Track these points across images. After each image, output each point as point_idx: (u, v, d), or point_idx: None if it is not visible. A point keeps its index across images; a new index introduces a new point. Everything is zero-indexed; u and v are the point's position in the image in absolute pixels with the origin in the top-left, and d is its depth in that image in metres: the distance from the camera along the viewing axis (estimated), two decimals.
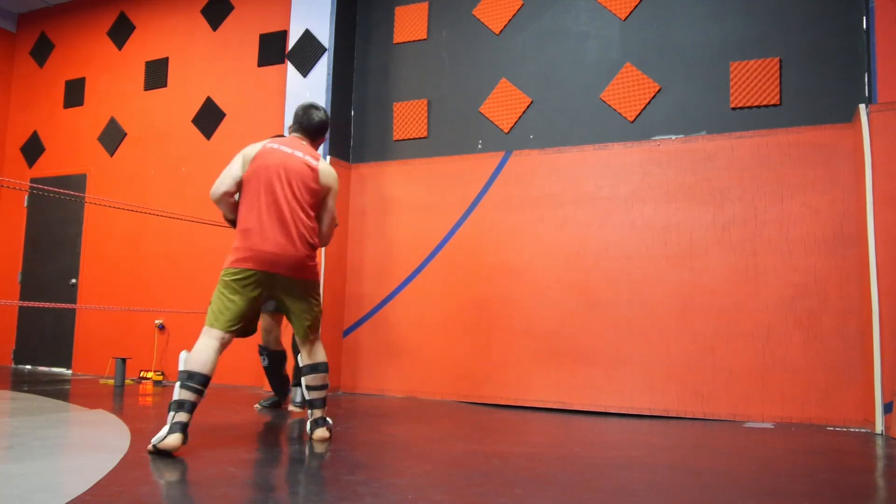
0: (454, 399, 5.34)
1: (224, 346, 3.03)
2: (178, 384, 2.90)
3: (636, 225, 4.93)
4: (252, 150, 3.22)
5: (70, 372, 7.15)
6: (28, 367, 7.52)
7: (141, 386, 6.01)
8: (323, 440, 3.30)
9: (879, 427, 3.94)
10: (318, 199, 3.28)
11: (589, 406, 4.89)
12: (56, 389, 5.49)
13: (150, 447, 2.83)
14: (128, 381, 6.17)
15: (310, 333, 3.33)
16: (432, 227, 5.61)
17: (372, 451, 3.28)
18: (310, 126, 3.43)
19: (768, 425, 4.30)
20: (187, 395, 2.87)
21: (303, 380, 3.32)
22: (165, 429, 2.83)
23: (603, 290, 4.97)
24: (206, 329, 3.02)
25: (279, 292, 3.18)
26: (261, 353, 4.60)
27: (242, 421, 4.11)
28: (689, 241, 4.77)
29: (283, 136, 3.80)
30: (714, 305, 4.64)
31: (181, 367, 2.95)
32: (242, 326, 3.11)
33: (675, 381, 4.68)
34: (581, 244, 5.08)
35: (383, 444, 3.45)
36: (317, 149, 3.51)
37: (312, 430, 3.32)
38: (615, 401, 4.83)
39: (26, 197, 7.69)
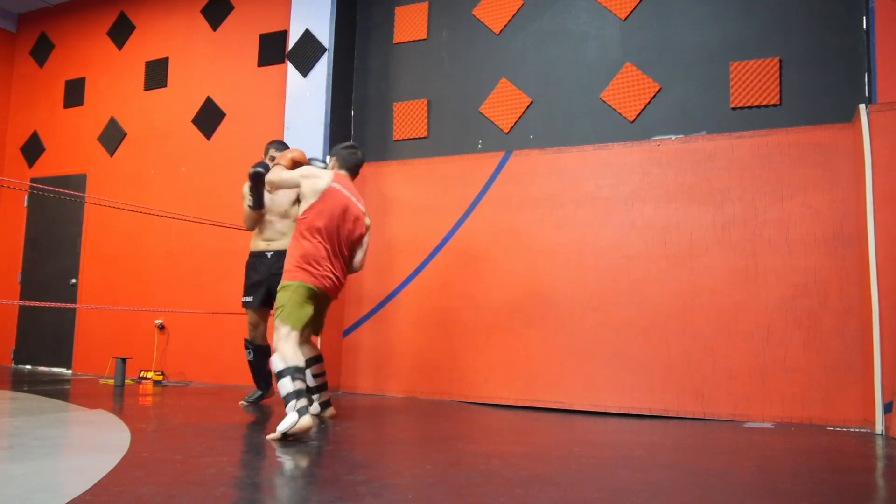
0: (454, 399, 5.34)
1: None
2: (288, 378, 3.42)
3: (636, 225, 4.94)
4: (321, 183, 3.76)
5: (70, 372, 7.15)
6: (28, 367, 7.52)
7: (141, 386, 6.01)
8: (333, 416, 4.12)
9: (879, 427, 3.94)
10: (360, 239, 3.97)
11: (589, 406, 4.89)
12: (56, 389, 5.49)
13: (277, 435, 3.25)
14: (128, 381, 6.17)
15: (319, 332, 4.16)
16: (432, 227, 5.61)
17: (372, 451, 3.28)
18: (354, 166, 4.05)
19: (768, 425, 4.30)
20: (300, 385, 3.43)
21: (310, 370, 4.02)
22: (294, 415, 3.27)
23: (603, 290, 4.97)
24: (287, 331, 3.60)
25: (320, 304, 3.90)
26: (246, 348, 4.74)
27: (242, 421, 4.11)
28: (689, 241, 4.77)
29: (323, 163, 4.21)
30: (714, 305, 4.64)
31: (284, 366, 3.46)
32: (309, 327, 3.92)
33: (675, 381, 4.68)
34: (581, 244, 5.08)
35: (383, 444, 3.45)
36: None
37: (324, 409, 4.12)
38: (615, 401, 4.83)
39: (26, 197, 7.70)
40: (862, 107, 4.22)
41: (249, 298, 4.69)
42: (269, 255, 4.69)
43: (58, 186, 6.28)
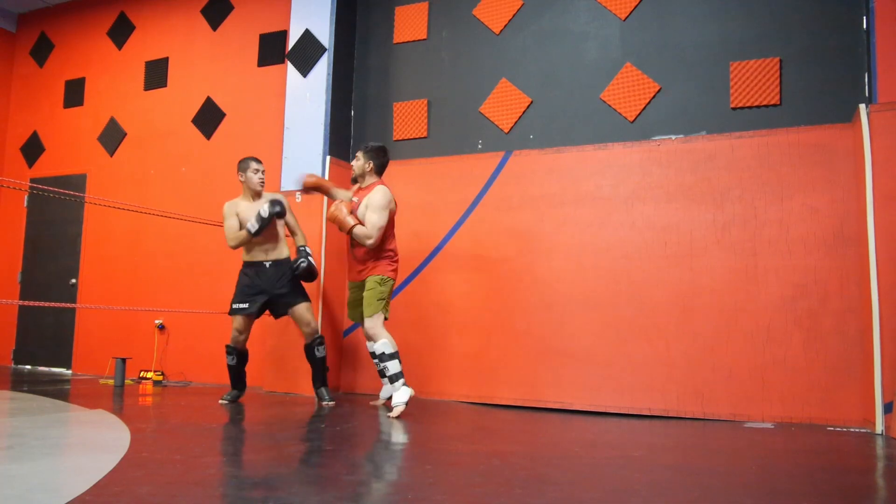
0: (454, 399, 5.34)
1: None
2: (397, 360, 4.36)
3: (636, 225, 4.93)
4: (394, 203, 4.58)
5: (70, 372, 7.15)
6: (28, 367, 7.52)
7: (141, 386, 6.01)
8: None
9: (879, 427, 3.94)
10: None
11: (589, 406, 4.89)
12: (56, 389, 5.49)
13: (401, 407, 4.26)
14: (128, 381, 6.17)
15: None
16: (432, 227, 5.61)
17: (372, 451, 3.28)
18: (385, 166, 4.73)
19: (768, 425, 4.30)
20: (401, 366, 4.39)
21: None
22: (408, 388, 4.34)
23: (603, 290, 4.97)
24: (383, 320, 4.46)
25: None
26: (230, 353, 4.87)
27: (242, 421, 4.11)
28: (689, 241, 4.77)
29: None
30: (714, 305, 4.64)
31: (394, 349, 4.36)
32: None
33: (675, 381, 4.68)
34: (581, 244, 5.08)
35: (383, 444, 3.45)
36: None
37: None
38: (615, 401, 4.83)
39: (26, 197, 7.70)
40: (862, 107, 4.22)
41: (245, 305, 4.78)
42: (267, 264, 4.81)
43: (58, 186, 6.28)
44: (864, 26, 4.46)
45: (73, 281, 7.25)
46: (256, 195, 4.93)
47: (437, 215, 5.60)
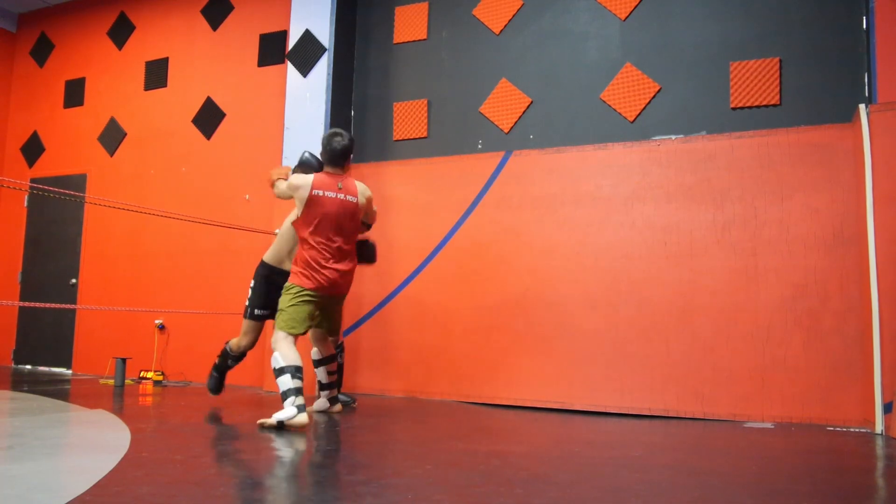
0: (454, 399, 5.34)
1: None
2: (288, 375, 3.73)
3: (636, 225, 4.93)
4: (303, 193, 3.90)
5: (70, 372, 7.15)
6: (28, 367, 7.52)
7: (141, 386, 6.01)
8: (339, 412, 4.41)
9: (879, 427, 3.94)
10: (358, 227, 4.16)
11: (589, 406, 4.89)
12: (56, 389, 5.49)
13: (272, 421, 3.64)
14: (128, 381, 6.17)
15: (334, 332, 4.36)
16: (432, 227, 5.61)
17: (372, 451, 3.28)
18: (339, 157, 4.06)
19: (768, 425, 4.30)
20: (299, 382, 3.77)
21: (325, 367, 4.34)
22: (293, 409, 3.64)
23: (603, 290, 4.97)
24: (284, 334, 3.88)
25: (326, 305, 4.13)
26: (228, 355, 4.54)
27: (242, 421, 4.11)
28: (689, 241, 4.77)
29: (309, 164, 4.30)
30: (714, 305, 4.64)
31: (284, 364, 3.76)
32: (322, 327, 4.26)
33: (675, 381, 4.68)
34: (581, 244, 5.08)
35: (383, 444, 3.45)
36: (347, 170, 4.13)
37: (332, 404, 4.42)
38: (615, 401, 4.83)
39: (26, 197, 7.70)
40: (862, 107, 4.22)
41: (266, 312, 4.39)
42: None
43: (58, 186, 6.28)
44: (864, 26, 4.46)
45: (73, 281, 7.25)
46: None
47: (437, 215, 5.60)
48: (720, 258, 4.66)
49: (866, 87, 4.43)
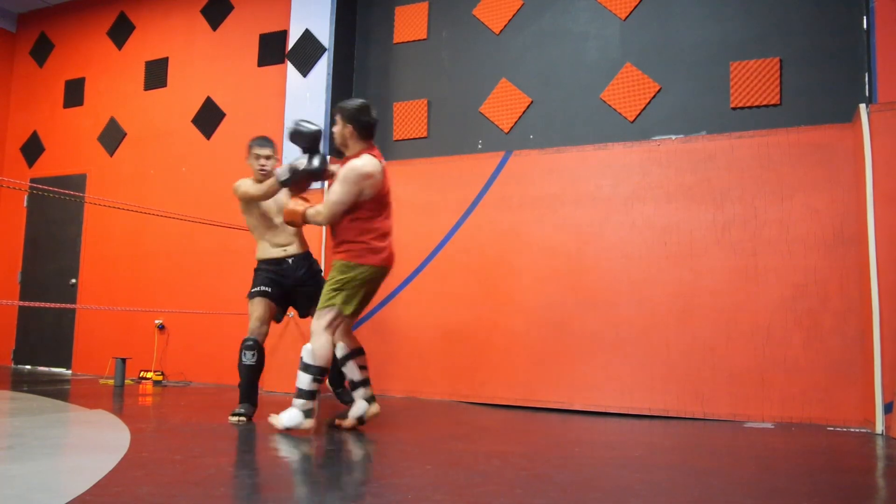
0: (454, 399, 5.34)
1: None
2: (311, 377, 3.43)
3: (636, 225, 4.93)
4: (380, 177, 3.53)
5: (70, 372, 7.15)
6: (28, 367, 7.52)
7: (141, 386, 6.01)
8: (377, 414, 3.81)
9: (879, 427, 3.94)
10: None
11: (589, 406, 4.89)
12: (56, 389, 5.49)
13: (279, 426, 3.43)
14: (128, 381, 6.17)
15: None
16: (432, 227, 5.61)
17: (372, 451, 3.28)
18: (371, 126, 3.64)
19: (768, 425, 4.29)
20: (317, 386, 3.47)
21: (355, 361, 3.78)
22: (300, 415, 3.41)
23: (603, 290, 4.96)
24: (331, 319, 3.49)
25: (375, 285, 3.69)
26: (250, 349, 4.12)
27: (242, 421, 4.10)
28: (689, 241, 4.77)
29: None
30: (714, 305, 4.64)
31: (312, 363, 3.42)
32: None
33: (675, 381, 4.68)
34: (581, 244, 5.08)
35: (383, 444, 3.45)
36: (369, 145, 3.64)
37: (371, 404, 3.77)
38: (615, 401, 4.83)
39: (26, 197, 7.69)
40: (862, 107, 4.22)
41: (266, 288, 4.10)
42: (290, 260, 4.21)
43: (58, 186, 6.28)
44: (864, 26, 4.46)
45: (73, 281, 7.25)
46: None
47: (437, 215, 5.59)
48: (720, 258, 4.66)
49: (866, 87, 4.43)
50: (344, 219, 3.51)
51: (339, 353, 3.76)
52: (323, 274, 4.47)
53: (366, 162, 3.47)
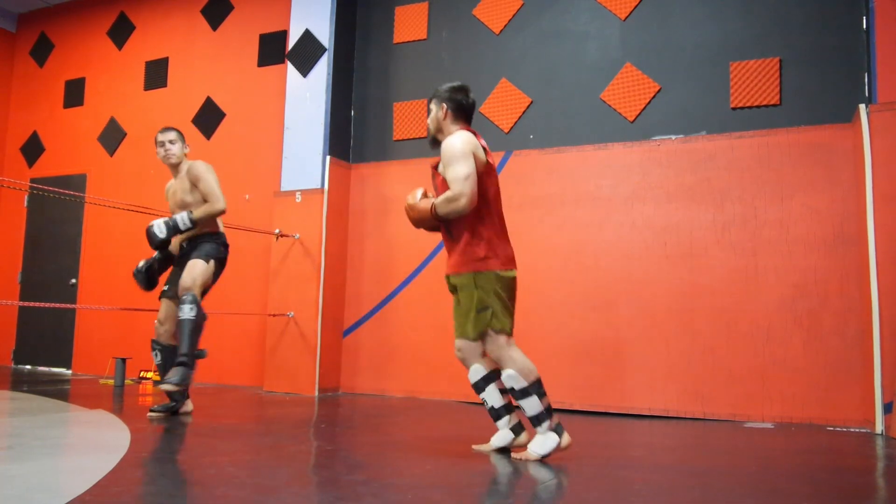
0: (454, 399, 5.34)
1: None
2: (535, 396, 2.96)
3: (636, 225, 4.93)
4: (481, 154, 3.19)
5: (70, 372, 7.15)
6: (28, 367, 7.52)
7: (141, 386, 6.01)
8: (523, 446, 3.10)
9: (879, 427, 3.94)
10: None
11: (589, 406, 4.89)
12: (56, 389, 5.49)
13: (535, 457, 2.88)
14: (128, 381, 6.17)
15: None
16: None
17: (372, 451, 3.28)
18: (471, 108, 3.35)
19: (768, 425, 4.30)
20: (546, 400, 2.98)
21: (497, 384, 3.17)
22: (553, 435, 2.92)
23: (603, 290, 4.96)
24: (506, 338, 3.07)
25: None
26: (154, 349, 4.11)
27: (242, 421, 4.11)
28: (689, 241, 4.77)
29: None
30: (714, 305, 4.64)
31: (526, 382, 2.98)
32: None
33: (675, 381, 4.68)
34: (581, 244, 5.08)
35: (383, 444, 3.45)
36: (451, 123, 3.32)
37: (518, 435, 3.14)
38: (615, 401, 4.83)
39: (26, 197, 7.69)
40: (862, 107, 4.22)
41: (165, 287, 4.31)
42: (185, 244, 4.38)
43: (58, 186, 6.28)
44: (864, 26, 4.46)
45: (73, 281, 7.25)
46: (175, 170, 4.44)
47: None
48: (720, 258, 4.66)
49: (866, 87, 4.43)
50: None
51: (477, 375, 3.19)
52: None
53: (464, 135, 3.11)
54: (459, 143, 3.05)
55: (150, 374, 6.40)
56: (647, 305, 4.82)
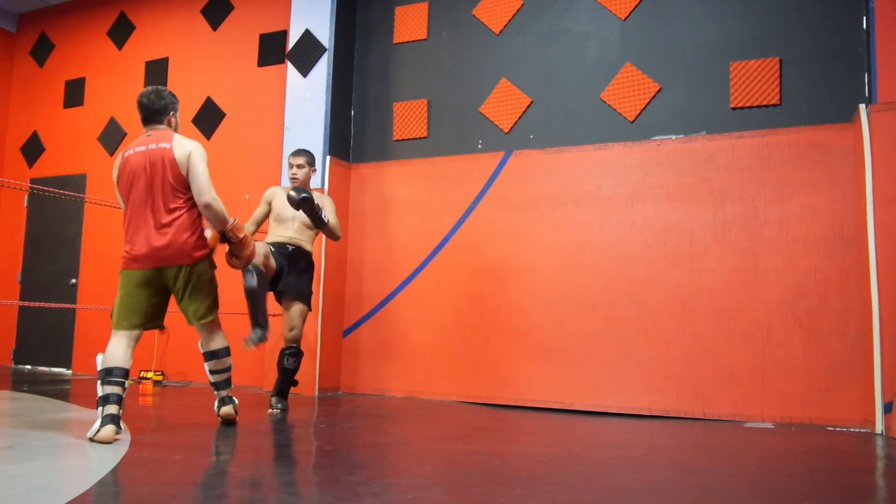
0: (454, 399, 5.34)
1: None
2: (98, 382, 3.32)
3: (636, 225, 4.93)
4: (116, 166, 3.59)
5: (70, 372, 7.15)
6: (28, 367, 7.52)
7: (141, 386, 6.01)
8: (229, 416, 3.71)
9: (879, 427, 3.94)
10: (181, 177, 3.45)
11: (589, 406, 4.89)
12: (56, 389, 5.49)
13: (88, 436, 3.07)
14: (128, 381, 6.17)
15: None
16: (432, 227, 5.61)
17: (372, 451, 3.28)
18: (151, 115, 3.52)
19: (768, 425, 4.30)
20: (110, 389, 3.32)
21: (209, 364, 3.77)
22: (97, 423, 3.14)
23: (603, 290, 4.97)
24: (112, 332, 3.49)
25: (160, 284, 3.69)
26: (249, 271, 4.25)
27: (242, 421, 4.11)
28: (689, 241, 4.77)
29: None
30: (714, 305, 4.64)
31: (99, 367, 3.41)
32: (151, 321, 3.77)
33: (675, 381, 4.68)
34: (581, 244, 5.08)
35: (383, 444, 3.45)
36: (173, 127, 3.58)
37: (221, 406, 3.72)
38: (615, 401, 4.83)
39: (26, 197, 7.70)
40: (862, 107, 4.22)
41: (272, 246, 4.49)
42: (290, 247, 4.62)
43: (58, 186, 6.28)
44: (864, 26, 4.46)
45: (73, 281, 7.25)
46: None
47: (437, 215, 5.60)
48: (720, 258, 4.66)
49: (866, 87, 4.43)
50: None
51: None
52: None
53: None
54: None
55: (150, 374, 6.40)
56: (647, 305, 4.82)
